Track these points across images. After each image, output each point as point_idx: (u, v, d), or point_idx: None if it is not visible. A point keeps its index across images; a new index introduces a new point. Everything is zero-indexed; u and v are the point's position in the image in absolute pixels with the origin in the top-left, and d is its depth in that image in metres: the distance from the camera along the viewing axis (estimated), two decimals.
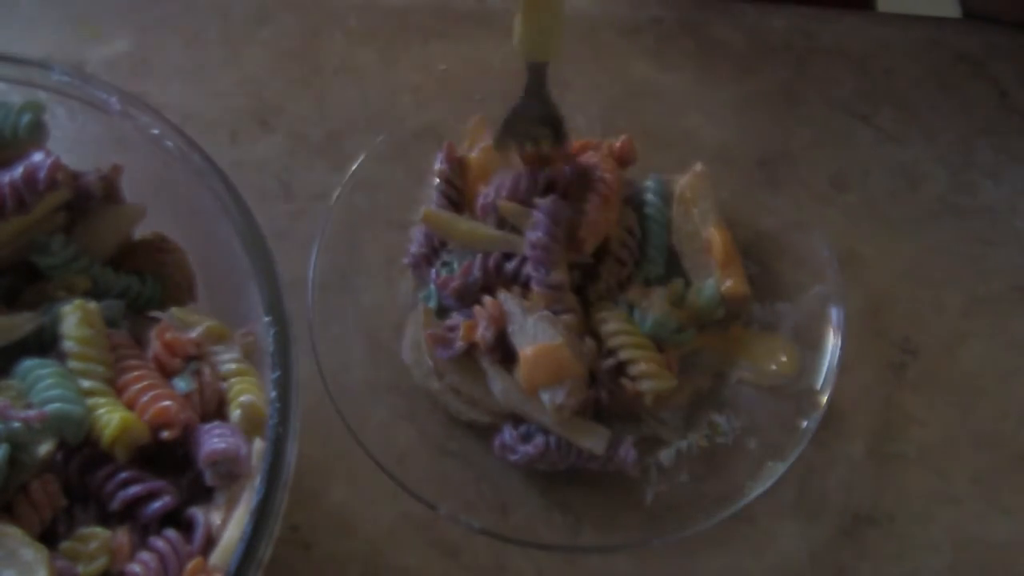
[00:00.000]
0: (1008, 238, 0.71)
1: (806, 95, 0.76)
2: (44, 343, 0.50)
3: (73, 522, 0.47)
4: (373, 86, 0.75)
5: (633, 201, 0.65)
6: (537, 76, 0.60)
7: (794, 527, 0.61)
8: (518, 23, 0.57)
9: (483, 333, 0.59)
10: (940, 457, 0.63)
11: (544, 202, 0.60)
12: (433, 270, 0.63)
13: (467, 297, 0.61)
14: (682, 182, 0.65)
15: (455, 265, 0.62)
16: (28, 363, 0.48)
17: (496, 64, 0.75)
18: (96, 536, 0.46)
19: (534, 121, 0.62)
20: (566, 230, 0.60)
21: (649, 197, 0.64)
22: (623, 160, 0.65)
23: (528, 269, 0.60)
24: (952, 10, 0.82)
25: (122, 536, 0.46)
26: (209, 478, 0.47)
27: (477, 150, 0.65)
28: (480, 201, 0.63)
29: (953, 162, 0.73)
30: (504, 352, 0.60)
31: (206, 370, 0.51)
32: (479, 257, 0.61)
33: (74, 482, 0.48)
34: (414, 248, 0.64)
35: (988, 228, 0.71)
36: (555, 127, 0.62)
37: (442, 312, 0.63)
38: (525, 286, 0.61)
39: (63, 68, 0.53)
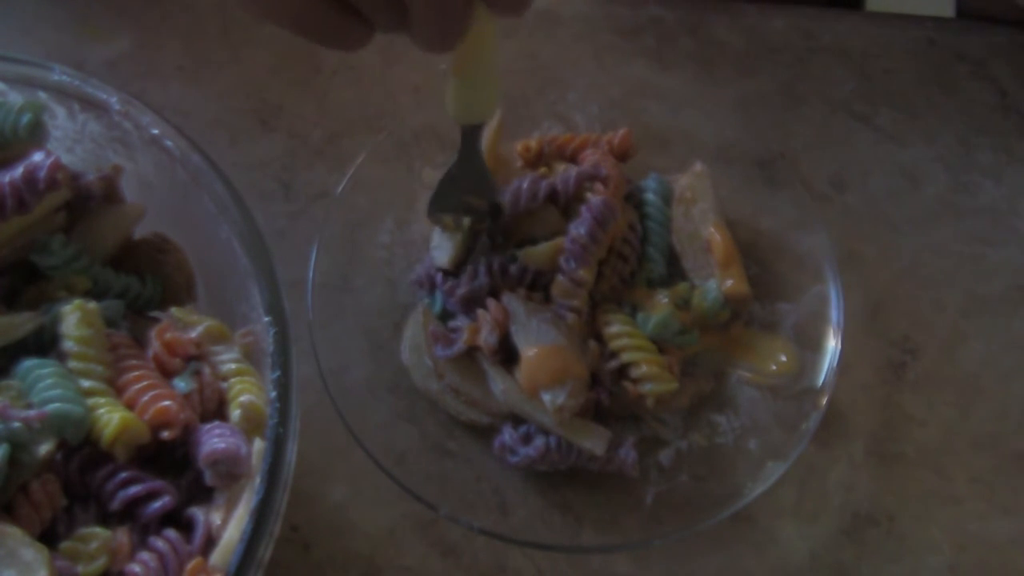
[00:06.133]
0: (1008, 238, 0.71)
1: (806, 95, 0.76)
2: (44, 343, 0.50)
3: (73, 522, 0.47)
4: (373, 86, 0.75)
5: (633, 200, 0.65)
6: (471, 139, 0.57)
7: (794, 527, 0.61)
8: (449, 86, 0.53)
9: (486, 337, 0.58)
10: (940, 457, 0.63)
11: (596, 201, 0.60)
12: (439, 275, 0.63)
13: (473, 303, 0.61)
14: (682, 182, 0.65)
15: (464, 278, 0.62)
16: (28, 363, 0.48)
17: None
18: (96, 536, 0.46)
19: (468, 189, 0.60)
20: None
21: (649, 196, 0.64)
22: (622, 154, 0.65)
23: (532, 267, 0.60)
24: (947, 10, 0.82)
25: (122, 536, 0.46)
26: (209, 478, 0.47)
27: None
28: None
29: (953, 162, 0.73)
30: (505, 352, 0.60)
31: (206, 370, 0.51)
32: (483, 261, 0.61)
33: (74, 482, 0.47)
34: (422, 268, 0.63)
35: (988, 228, 0.71)
36: (488, 194, 0.60)
37: (444, 317, 0.63)
38: (530, 288, 0.61)
39: (63, 68, 0.53)
